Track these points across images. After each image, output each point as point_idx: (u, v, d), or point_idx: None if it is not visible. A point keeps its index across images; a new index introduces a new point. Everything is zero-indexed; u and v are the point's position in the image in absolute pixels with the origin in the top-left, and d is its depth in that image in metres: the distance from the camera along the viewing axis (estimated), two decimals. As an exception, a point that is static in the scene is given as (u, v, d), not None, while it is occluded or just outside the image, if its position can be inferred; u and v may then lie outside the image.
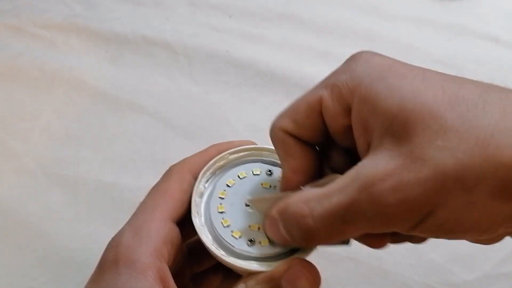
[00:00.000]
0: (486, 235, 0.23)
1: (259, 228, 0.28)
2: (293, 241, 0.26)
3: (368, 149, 0.24)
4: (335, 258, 0.40)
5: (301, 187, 0.26)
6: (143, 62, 0.59)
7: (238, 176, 0.30)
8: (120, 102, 0.54)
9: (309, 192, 0.25)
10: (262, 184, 0.30)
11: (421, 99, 0.22)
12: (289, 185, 0.27)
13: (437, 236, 0.23)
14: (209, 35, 0.61)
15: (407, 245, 0.42)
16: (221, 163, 0.31)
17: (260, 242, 0.28)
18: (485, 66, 0.58)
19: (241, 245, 0.28)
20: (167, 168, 0.31)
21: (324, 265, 0.28)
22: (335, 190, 0.23)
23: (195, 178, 0.30)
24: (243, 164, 0.31)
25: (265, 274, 0.27)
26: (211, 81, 0.56)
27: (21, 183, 0.47)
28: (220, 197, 0.29)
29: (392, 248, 0.42)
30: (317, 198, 0.24)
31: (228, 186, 0.30)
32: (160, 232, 0.27)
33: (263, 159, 0.32)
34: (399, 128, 0.22)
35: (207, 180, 0.30)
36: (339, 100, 0.25)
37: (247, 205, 0.29)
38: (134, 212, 0.28)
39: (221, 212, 0.29)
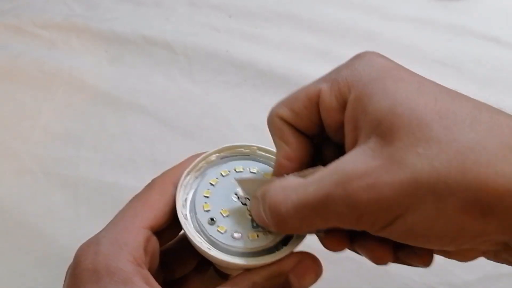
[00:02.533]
0: (452, 246, 0.23)
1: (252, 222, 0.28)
2: (269, 225, 0.26)
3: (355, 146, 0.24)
4: (335, 258, 0.40)
5: (285, 175, 0.26)
6: (143, 62, 0.59)
7: (221, 174, 0.30)
8: (120, 102, 0.54)
9: (289, 180, 0.25)
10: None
11: (411, 105, 0.23)
12: (281, 171, 0.28)
13: (404, 240, 0.24)
14: (209, 35, 0.61)
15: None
16: (202, 163, 0.31)
17: (248, 236, 0.28)
18: (485, 66, 0.58)
19: (229, 241, 0.28)
20: (165, 168, 0.31)
21: (324, 265, 0.28)
22: (313, 180, 0.24)
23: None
24: (225, 162, 0.31)
25: (272, 268, 0.27)
26: (211, 81, 0.56)
27: (21, 183, 0.47)
28: (205, 196, 0.29)
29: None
30: (294, 187, 0.24)
31: (211, 184, 0.30)
32: (139, 240, 0.26)
33: (244, 156, 0.32)
34: (385, 129, 0.23)
35: (191, 182, 0.30)
36: (336, 95, 0.25)
37: (234, 200, 0.29)
38: (111, 220, 0.28)
39: (207, 211, 0.29)
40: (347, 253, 0.28)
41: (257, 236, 0.28)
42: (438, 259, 0.42)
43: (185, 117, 0.53)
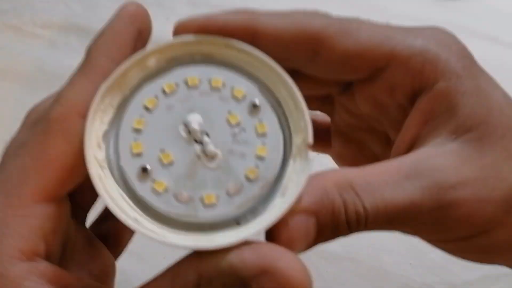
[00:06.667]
0: None
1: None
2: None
3: (419, 141, 0.22)
4: (335, 258, 0.40)
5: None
6: (143, 62, 0.58)
7: (164, 91, 0.20)
8: (120, 102, 0.54)
9: (349, 172, 0.20)
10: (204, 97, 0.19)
11: (508, 113, 0.21)
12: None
13: (480, 256, 0.22)
14: (209, 35, 0.61)
15: (407, 245, 0.42)
16: (133, 73, 0.20)
17: (202, 199, 0.18)
18: (485, 66, 0.58)
19: (171, 205, 0.18)
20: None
21: (324, 265, 0.28)
22: (387, 181, 0.19)
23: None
24: (170, 70, 0.20)
25: (227, 262, 0.17)
26: (211, 81, 0.56)
27: (21, 183, 0.47)
28: (135, 129, 0.19)
29: (392, 248, 0.42)
30: (364, 185, 0.19)
31: (147, 109, 0.19)
32: (30, 223, 0.18)
33: (204, 58, 0.21)
34: (479, 136, 0.21)
35: (113, 104, 0.19)
36: (413, 74, 0.22)
37: (182, 135, 0.19)
38: None
39: (138, 154, 0.18)
40: (347, 253, 0.28)
41: (216, 198, 0.18)
42: (438, 259, 0.42)
43: (185, 117, 0.53)
